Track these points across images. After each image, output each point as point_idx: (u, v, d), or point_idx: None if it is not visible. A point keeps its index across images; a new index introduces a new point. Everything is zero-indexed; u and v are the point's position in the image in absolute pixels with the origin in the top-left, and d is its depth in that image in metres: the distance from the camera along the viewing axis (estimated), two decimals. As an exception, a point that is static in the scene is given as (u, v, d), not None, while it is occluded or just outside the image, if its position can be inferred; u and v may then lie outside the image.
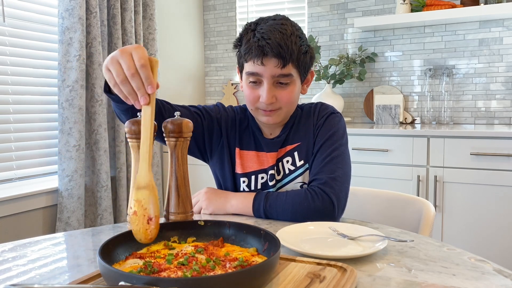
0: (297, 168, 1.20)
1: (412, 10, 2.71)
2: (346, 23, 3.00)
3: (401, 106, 2.81)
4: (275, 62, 1.08)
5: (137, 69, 0.77)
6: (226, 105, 1.30)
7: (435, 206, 2.24)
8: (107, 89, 0.96)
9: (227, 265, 0.68)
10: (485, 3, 2.52)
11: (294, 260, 0.75)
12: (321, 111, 1.23)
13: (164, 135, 0.91)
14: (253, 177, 1.21)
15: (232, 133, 1.25)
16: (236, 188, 1.24)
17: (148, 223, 0.72)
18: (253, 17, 3.33)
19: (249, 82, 1.14)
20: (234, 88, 3.40)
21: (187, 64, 3.35)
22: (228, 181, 1.25)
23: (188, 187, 0.91)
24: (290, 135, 1.22)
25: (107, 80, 0.82)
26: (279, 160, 1.21)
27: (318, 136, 1.18)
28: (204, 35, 3.51)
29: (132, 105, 0.81)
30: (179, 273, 0.64)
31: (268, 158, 1.21)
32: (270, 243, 0.73)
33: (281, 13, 1.21)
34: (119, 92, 0.80)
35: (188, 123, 0.90)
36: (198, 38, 3.46)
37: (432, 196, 2.25)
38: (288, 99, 1.14)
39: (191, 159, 1.01)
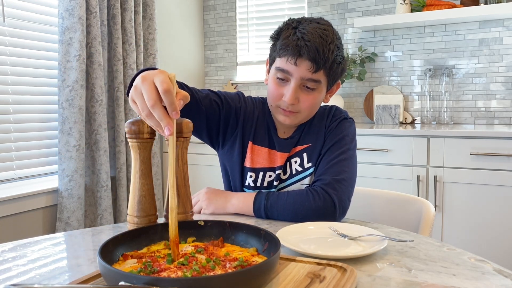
0: (304, 170, 1.19)
1: (412, 10, 2.71)
2: (346, 23, 3.00)
3: (401, 106, 2.81)
4: (308, 65, 1.07)
5: (159, 97, 0.74)
6: (248, 95, 1.29)
7: (435, 206, 2.24)
8: None
9: (227, 265, 0.68)
10: (485, 3, 2.52)
11: (294, 260, 0.75)
12: (335, 115, 1.22)
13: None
14: (261, 174, 1.20)
15: (248, 126, 1.23)
16: (242, 181, 1.23)
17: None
18: (253, 17, 3.33)
19: (277, 78, 1.13)
20: (234, 88, 3.40)
21: (187, 64, 3.35)
22: (235, 173, 1.24)
23: (188, 187, 0.91)
24: (303, 136, 1.21)
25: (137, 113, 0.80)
26: (288, 160, 1.20)
27: (327, 139, 1.18)
28: (204, 35, 3.51)
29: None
30: (179, 273, 0.64)
31: (279, 158, 1.20)
32: (270, 243, 0.73)
33: (281, 13, 1.21)
34: (149, 124, 0.78)
35: (188, 123, 0.90)
36: (198, 38, 3.46)
37: (432, 196, 2.25)
38: (309, 105, 1.13)
39: (191, 159, 1.01)
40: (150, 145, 0.89)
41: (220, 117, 1.21)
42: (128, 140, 0.88)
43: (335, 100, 2.81)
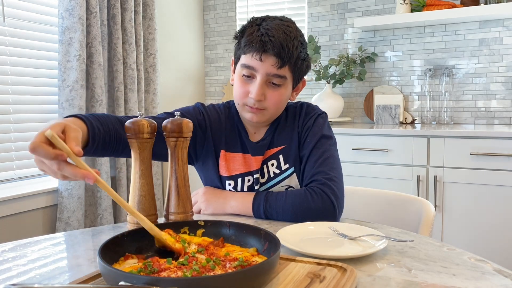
0: (282, 172, 1.18)
1: (412, 10, 2.71)
2: (346, 23, 3.00)
3: (401, 106, 2.81)
4: (273, 61, 1.08)
5: (56, 156, 0.71)
6: (210, 103, 1.28)
7: (435, 206, 2.24)
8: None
9: (227, 265, 0.68)
10: (485, 3, 2.52)
11: (294, 260, 0.75)
12: (308, 112, 1.21)
13: (164, 135, 0.91)
14: (239, 180, 1.19)
15: (217, 135, 1.21)
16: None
17: None
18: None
19: (242, 75, 1.13)
20: (234, 88, 3.40)
21: (187, 64, 3.35)
22: (215, 184, 1.22)
23: (188, 187, 0.91)
24: (274, 137, 1.20)
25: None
26: (264, 162, 1.19)
27: (307, 138, 1.17)
28: (204, 35, 3.51)
29: (112, 147, 0.96)
30: (179, 273, 0.64)
31: (254, 161, 1.19)
32: (270, 243, 0.73)
33: (281, 13, 1.21)
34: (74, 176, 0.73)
35: (188, 123, 0.91)
36: (198, 38, 3.46)
37: (432, 196, 2.25)
38: (276, 101, 1.12)
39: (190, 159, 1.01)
40: (150, 145, 0.89)
41: None
42: (128, 140, 0.88)
43: (335, 100, 2.81)
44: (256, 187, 1.19)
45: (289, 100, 1.21)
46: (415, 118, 2.83)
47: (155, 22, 2.77)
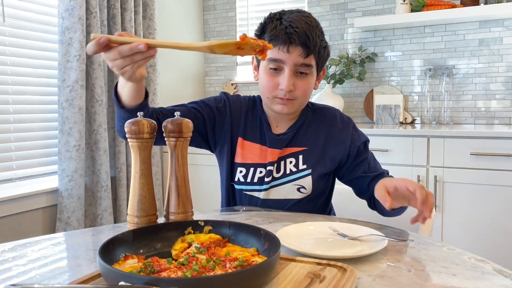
0: (298, 171, 1.21)
1: (412, 10, 2.71)
2: (346, 23, 2.99)
3: (401, 106, 2.81)
4: (299, 51, 1.11)
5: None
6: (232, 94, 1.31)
7: (435, 206, 2.24)
8: (120, 105, 1.04)
9: (227, 265, 0.68)
10: (485, 3, 2.52)
11: (294, 260, 0.75)
12: (346, 125, 1.26)
13: (164, 135, 0.91)
14: (251, 169, 1.22)
15: (236, 122, 1.25)
16: (232, 177, 1.24)
17: None
18: (253, 17, 3.33)
19: (269, 69, 1.15)
20: (234, 88, 3.40)
21: (187, 64, 3.35)
22: (224, 170, 1.25)
23: (188, 187, 0.91)
24: (297, 136, 1.23)
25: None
26: (282, 158, 1.21)
27: (357, 148, 1.25)
28: (204, 35, 3.51)
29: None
30: (179, 273, 0.64)
31: (269, 154, 1.22)
32: (270, 243, 0.73)
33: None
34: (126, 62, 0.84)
35: (188, 123, 0.90)
36: (198, 38, 3.46)
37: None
38: (304, 90, 1.16)
39: (191, 159, 1.01)
40: (150, 145, 0.89)
41: (204, 120, 1.23)
42: (128, 140, 0.88)
43: (335, 100, 2.81)
44: (267, 179, 1.20)
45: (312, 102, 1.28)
46: (415, 118, 2.83)
47: (155, 22, 2.77)
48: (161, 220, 0.92)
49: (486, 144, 2.14)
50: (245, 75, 3.42)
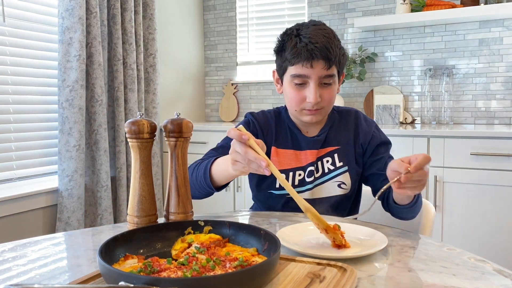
0: (336, 168, 1.27)
1: (412, 10, 2.71)
2: (346, 23, 2.99)
3: (401, 106, 2.81)
4: (322, 64, 1.16)
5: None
6: (260, 110, 1.37)
7: (435, 206, 2.24)
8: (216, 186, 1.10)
9: (227, 265, 0.68)
10: (485, 3, 2.52)
11: (294, 260, 0.75)
12: (368, 124, 1.32)
13: (164, 135, 0.91)
14: (290, 173, 1.26)
15: (268, 134, 1.30)
16: (273, 184, 1.28)
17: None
18: (253, 17, 3.33)
19: (295, 84, 1.20)
20: (234, 88, 3.40)
21: (187, 64, 3.35)
22: (261, 180, 1.29)
23: (188, 187, 0.91)
24: (330, 136, 1.29)
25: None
26: (319, 159, 1.27)
27: (375, 146, 1.28)
28: (204, 35, 3.51)
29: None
30: (179, 273, 0.64)
31: (308, 156, 1.26)
32: (270, 243, 0.73)
33: (281, 13, 1.25)
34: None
35: (188, 123, 0.91)
36: (198, 38, 3.46)
37: (432, 196, 2.25)
38: (330, 98, 1.21)
39: (191, 159, 1.01)
40: (150, 145, 0.89)
41: None
42: (128, 140, 0.88)
43: (336, 101, 2.81)
44: (308, 180, 1.25)
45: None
46: (415, 118, 2.83)
47: (155, 22, 2.77)
48: (161, 220, 0.92)
49: (486, 144, 2.14)
50: (245, 75, 3.42)
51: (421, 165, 0.91)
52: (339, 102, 2.84)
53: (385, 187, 0.94)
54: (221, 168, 1.06)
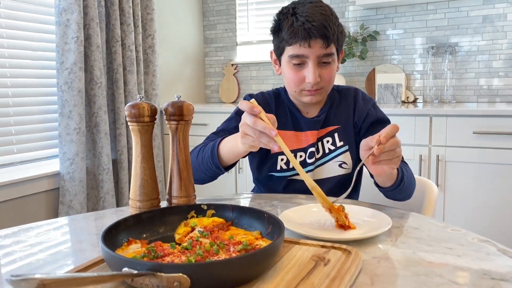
0: (337, 148, 1.25)
1: (415, -13, 2.66)
2: (347, 0, 2.94)
3: (403, 85, 2.78)
4: (320, 43, 1.12)
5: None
6: (259, 92, 1.34)
7: (437, 185, 2.24)
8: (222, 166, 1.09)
9: (231, 249, 0.68)
10: (489, -21, 2.47)
11: (298, 243, 0.75)
12: (366, 100, 1.29)
13: (165, 118, 0.90)
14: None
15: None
16: (272, 168, 1.27)
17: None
18: (252, -5, 3.27)
19: (293, 65, 1.17)
20: (235, 69, 3.37)
21: (186, 44, 3.31)
22: (261, 162, 1.28)
23: (190, 170, 0.91)
24: (330, 116, 1.27)
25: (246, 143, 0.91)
26: (319, 139, 1.25)
27: (370, 123, 1.25)
28: (203, 15, 3.46)
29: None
30: (183, 258, 0.64)
31: (308, 137, 1.25)
32: (274, 226, 0.73)
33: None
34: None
35: (189, 106, 0.89)
36: (197, 18, 3.41)
37: (434, 176, 2.25)
38: (330, 77, 1.19)
39: (192, 142, 1.00)
40: (151, 129, 0.87)
41: None
42: (129, 123, 0.86)
43: (337, 79, 2.77)
44: (309, 161, 1.24)
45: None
46: (417, 97, 2.81)
47: (153, 2, 2.72)
48: (163, 204, 0.92)
49: (488, 122, 2.13)
50: (245, 56, 3.38)
51: (390, 134, 0.88)
52: (340, 81, 2.82)
53: (360, 164, 0.92)
54: (229, 144, 1.04)
